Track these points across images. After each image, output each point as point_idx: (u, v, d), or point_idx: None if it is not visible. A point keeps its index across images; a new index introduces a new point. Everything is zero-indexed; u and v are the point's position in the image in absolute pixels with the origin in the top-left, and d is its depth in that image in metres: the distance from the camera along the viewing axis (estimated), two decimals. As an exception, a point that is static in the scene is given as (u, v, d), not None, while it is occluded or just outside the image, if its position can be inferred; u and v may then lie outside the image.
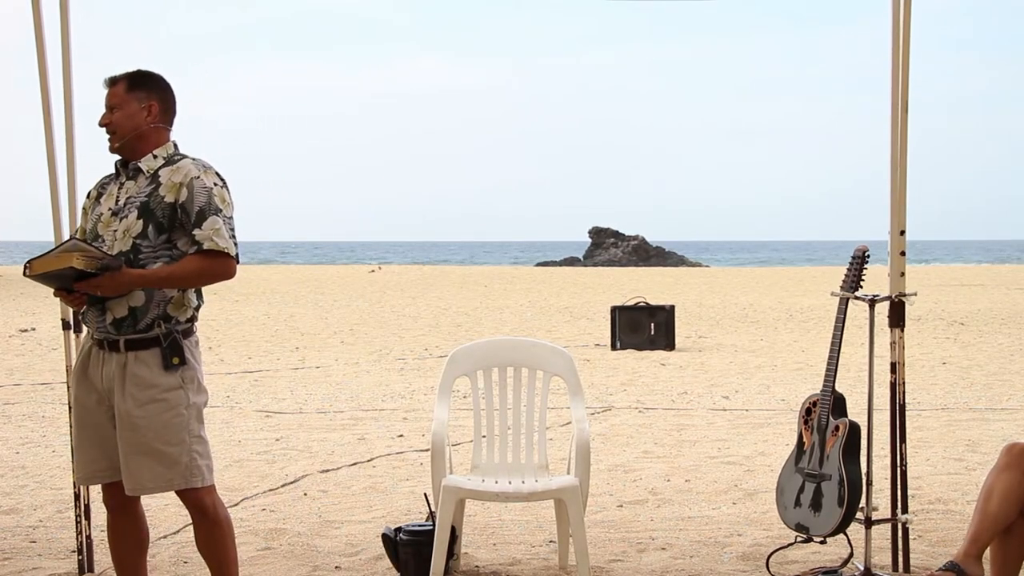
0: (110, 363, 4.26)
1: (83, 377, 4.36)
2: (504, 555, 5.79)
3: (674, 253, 57.63)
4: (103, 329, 4.24)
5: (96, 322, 4.26)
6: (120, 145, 4.34)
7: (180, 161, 4.33)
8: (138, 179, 4.32)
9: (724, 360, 14.56)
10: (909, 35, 5.35)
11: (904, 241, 5.42)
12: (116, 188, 4.36)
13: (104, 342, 4.27)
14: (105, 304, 4.21)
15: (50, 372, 13.14)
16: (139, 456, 4.24)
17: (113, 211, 4.31)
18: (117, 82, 4.35)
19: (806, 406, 5.37)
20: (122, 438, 4.25)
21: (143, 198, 4.26)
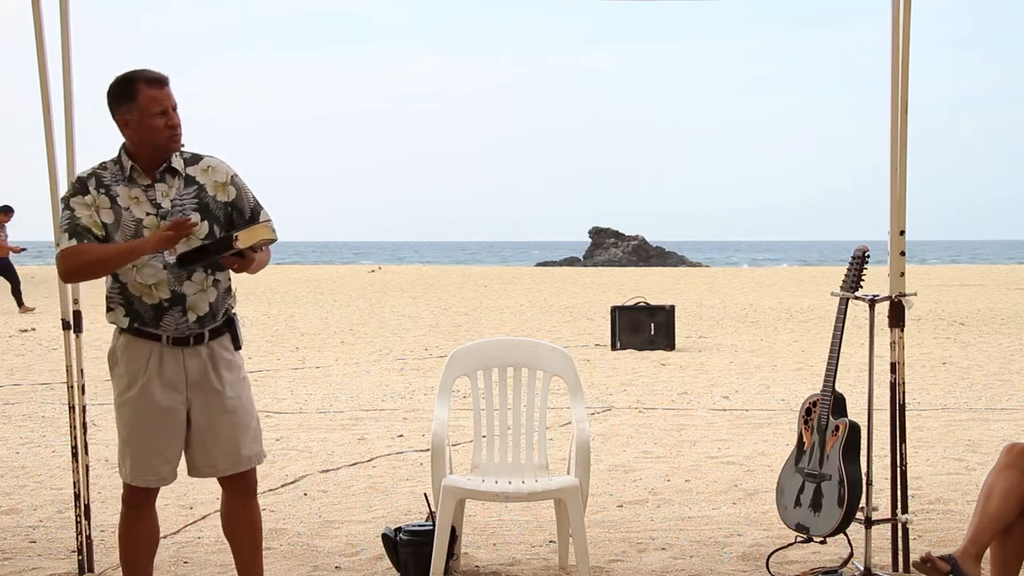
0: (195, 357, 4.39)
1: (159, 380, 4.37)
2: (504, 555, 5.79)
3: (674, 253, 57.60)
4: (185, 328, 4.36)
5: (176, 323, 4.34)
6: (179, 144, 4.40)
7: (203, 159, 4.45)
8: (168, 180, 4.36)
9: (724, 360, 14.56)
10: (909, 35, 5.35)
11: (904, 241, 5.42)
12: (141, 191, 4.33)
13: (188, 339, 4.37)
14: (184, 306, 4.33)
15: (50, 372, 13.13)
16: (238, 435, 4.48)
17: (160, 215, 4.32)
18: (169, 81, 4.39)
19: (806, 406, 5.37)
20: (218, 423, 4.43)
21: (195, 200, 4.36)
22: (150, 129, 4.30)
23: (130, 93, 4.31)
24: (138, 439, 4.41)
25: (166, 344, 4.36)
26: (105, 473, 7.78)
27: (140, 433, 4.40)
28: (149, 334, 4.36)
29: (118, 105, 4.35)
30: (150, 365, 4.36)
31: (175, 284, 4.33)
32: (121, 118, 4.35)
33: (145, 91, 4.30)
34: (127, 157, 4.36)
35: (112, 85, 4.37)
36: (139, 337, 4.36)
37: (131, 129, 4.33)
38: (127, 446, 4.43)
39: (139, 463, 4.43)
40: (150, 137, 4.32)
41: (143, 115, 4.30)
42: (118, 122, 4.37)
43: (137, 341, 4.37)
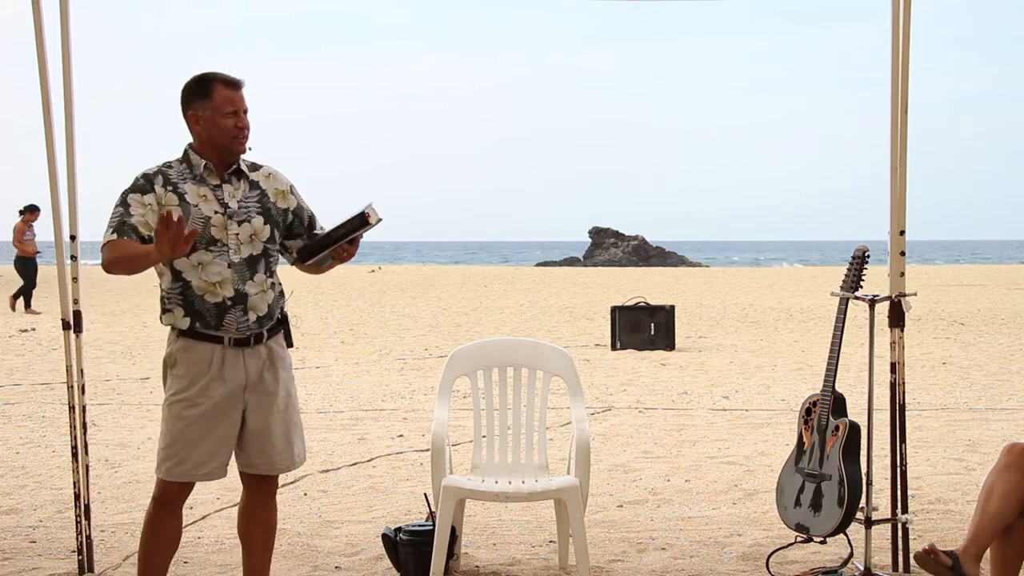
0: (255, 357, 4.45)
1: (220, 381, 4.39)
2: (504, 555, 5.79)
3: (674, 253, 57.61)
4: (246, 328, 4.41)
5: (238, 323, 4.40)
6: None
7: (263, 167, 4.57)
8: (234, 181, 4.44)
9: (724, 360, 14.56)
10: (909, 35, 5.35)
11: (904, 241, 5.42)
12: (210, 190, 4.39)
13: (249, 339, 4.43)
14: (246, 305, 4.39)
15: (50, 372, 13.14)
16: (291, 433, 4.56)
17: (226, 214, 4.38)
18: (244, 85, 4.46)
19: (806, 406, 5.37)
20: (274, 422, 4.49)
21: (258, 203, 4.45)
22: (220, 128, 4.38)
23: (206, 91, 4.39)
24: (188, 437, 4.40)
25: (227, 346, 4.40)
26: (105, 473, 7.78)
27: (192, 431, 4.39)
28: (210, 336, 4.38)
29: (192, 101, 4.41)
30: (212, 368, 4.39)
31: (239, 283, 4.39)
32: (193, 114, 4.41)
33: (221, 90, 4.39)
34: (198, 156, 4.42)
35: (189, 82, 4.45)
36: (199, 340, 4.38)
37: (201, 126, 4.40)
38: (174, 444, 4.41)
39: (184, 461, 4.41)
40: (218, 136, 4.39)
41: (215, 113, 4.38)
42: (189, 118, 4.43)
43: (197, 344, 4.38)
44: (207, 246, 4.34)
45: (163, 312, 4.43)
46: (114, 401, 11.19)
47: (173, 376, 4.43)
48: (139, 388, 12.14)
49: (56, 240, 5.37)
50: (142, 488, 7.35)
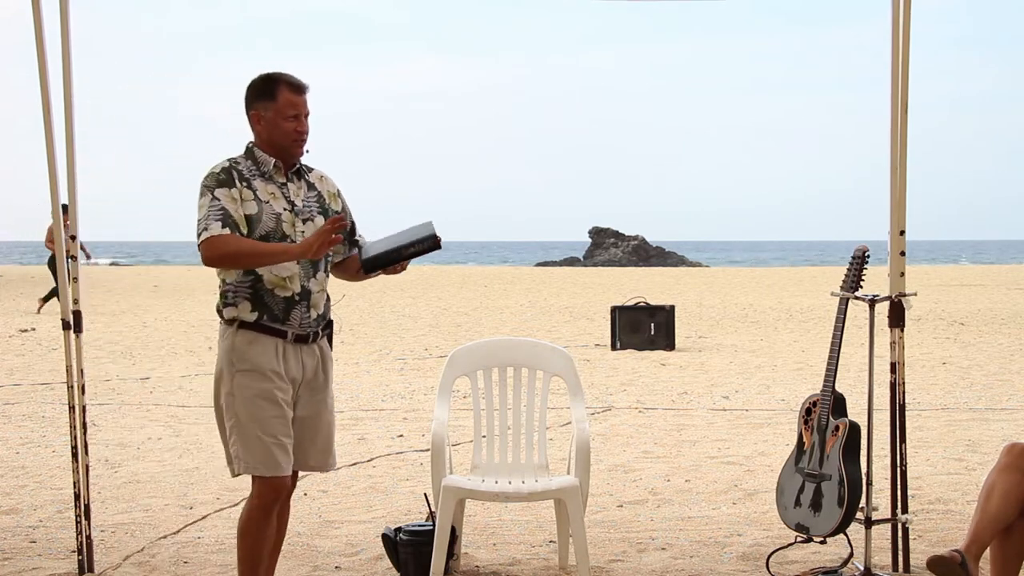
0: (311, 355, 4.53)
1: (285, 375, 4.44)
2: (504, 555, 5.79)
3: (674, 253, 57.62)
4: (308, 325, 4.49)
5: (301, 319, 4.46)
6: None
7: (315, 169, 4.64)
8: (296, 181, 4.52)
9: (724, 360, 14.56)
10: (909, 35, 5.35)
11: (904, 241, 5.42)
12: (277, 188, 4.46)
13: (308, 336, 4.49)
14: (309, 302, 4.47)
15: (50, 372, 13.14)
16: (332, 433, 4.66)
17: (293, 211, 4.45)
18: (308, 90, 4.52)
19: (806, 406, 5.37)
20: (320, 422, 4.57)
21: (317, 203, 4.54)
22: (280, 130, 4.45)
23: (271, 92, 4.46)
24: (269, 432, 4.40)
25: (289, 340, 4.44)
26: (105, 473, 7.79)
27: (270, 426, 4.41)
28: (274, 330, 4.42)
29: (256, 100, 4.48)
30: (276, 361, 4.42)
31: (304, 279, 4.47)
32: (256, 113, 4.48)
33: (285, 93, 4.46)
34: (264, 154, 4.47)
35: (255, 81, 4.51)
36: (263, 333, 4.41)
37: (262, 126, 4.47)
38: (260, 440, 4.39)
39: (272, 453, 4.41)
40: (278, 137, 4.46)
41: (278, 115, 4.45)
42: (251, 117, 4.50)
43: (262, 337, 4.41)
44: (279, 241, 4.40)
45: (225, 305, 4.44)
46: (114, 401, 11.19)
47: (239, 372, 4.40)
48: (139, 388, 12.15)
49: (56, 240, 5.37)
50: (142, 488, 7.35)
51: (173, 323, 20.20)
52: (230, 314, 4.44)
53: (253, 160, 4.48)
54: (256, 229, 4.38)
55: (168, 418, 10.19)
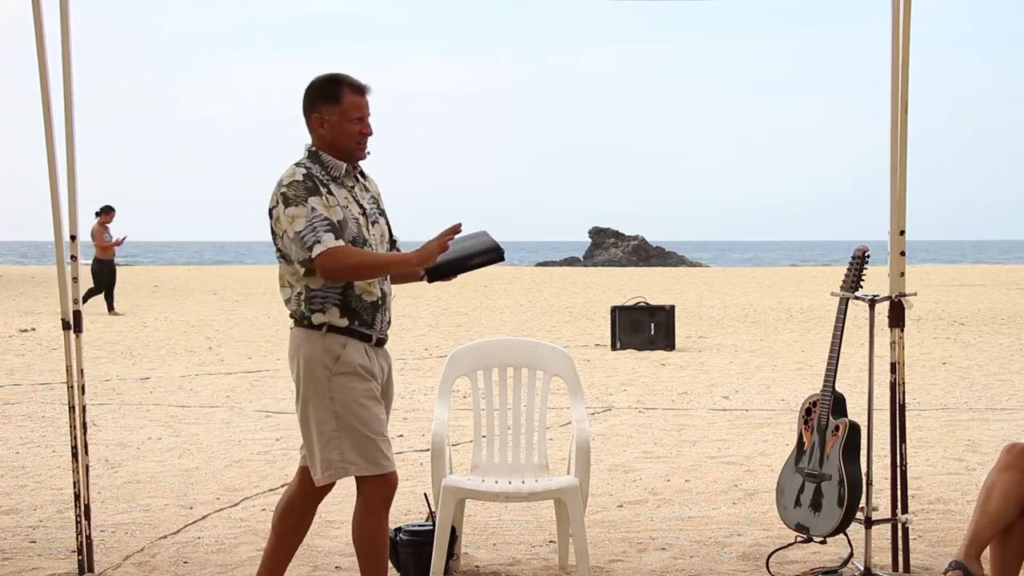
0: (385, 358, 4.56)
1: (375, 373, 4.46)
2: (504, 555, 5.78)
3: (674, 253, 57.59)
4: (385, 329, 4.52)
5: (382, 322, 4.50)
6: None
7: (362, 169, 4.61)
8: (358, 184, 4.51)
9: (724, 360, 14.56)
10: (909, 35, 5.35)
11: (904, 241, 5.42)
12: (348, 192, 4.43)
13: (384, 340, 4.54)
14: (386, 305, 4.51)
15: (50, 372, 13.13)
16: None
17: (364, 214, 4.44)
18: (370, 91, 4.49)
19: (806, 406, 5.37)
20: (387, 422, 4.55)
21: (375, 204, 4.55)
22: (345, 133, 4.40)
23: (334, 94, 4.40)
24: (376, 430, 4.42)
25: (372, 344, 4.47)
26: (105, 473, 7.78)
27: (377, 424, 4.43)
28: (362, 334, 4.42)
29: (319, 103, 4.42)
30: (366, 361, 4.43)
31: (381, 283, 4.48)
32: (319, 117, 4.42)
33: (349, 95, 4.41)
34: (331, 158, 4.43)
35: (316, 83, 4.45)
36: (352, 337, 4.41)
37: (325, 129, 4.41)
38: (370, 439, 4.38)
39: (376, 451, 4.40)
40: (343, 140, 4.41)
41: (343, 118, 4.40)
42: (314, 120, 4.43)
43: (353, 341, 4.41)
44: (361, 246, 4.39)
45: (312, 311, 4.37)
46: (114, 401, 11.19)
47: (339, 374, 4.37)
48: (139, 388, 12.14)
49: (56, 240, 5.36)
50: (142, 488, 7.35)
51: (173, 323, 20.20)
52: (320, 320, 4.37)
53: (321, 165, 4.41)
54: (343, 237, 4.33)
55: (168, 418, 10.19)
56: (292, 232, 4.30)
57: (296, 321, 4.44)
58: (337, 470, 4.38)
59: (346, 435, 4.36)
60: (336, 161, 4.42)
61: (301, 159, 4.43)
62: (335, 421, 4.36)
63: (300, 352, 4.41)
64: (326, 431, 4.37)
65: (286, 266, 4.40)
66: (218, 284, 34.28)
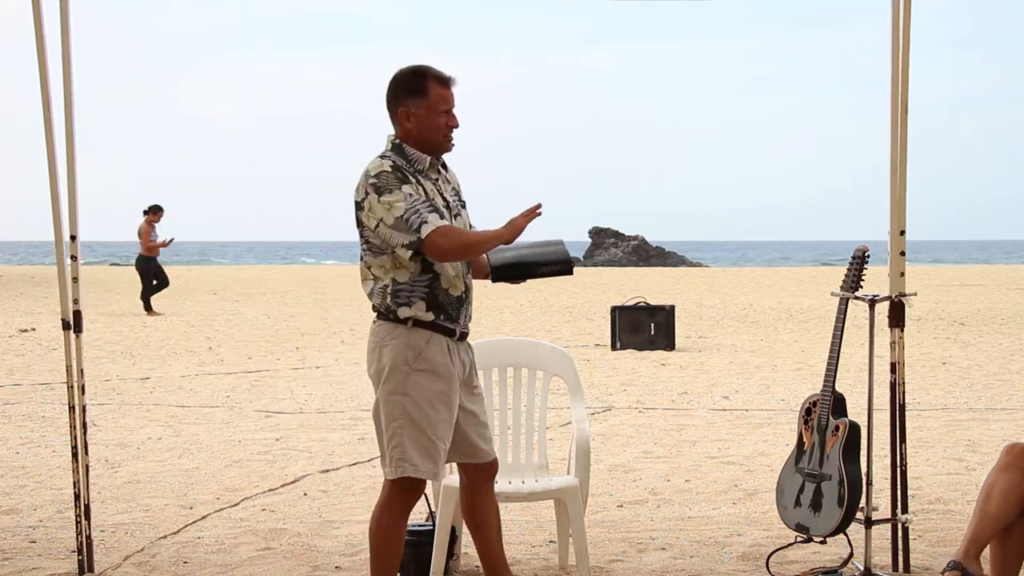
0: (467, 352, 4.60)
1: (454, 373, 4.48)
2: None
3: (674, 253, 57.57)
4: (467, 323, 4.56)
5: (466, 317, 4.53)
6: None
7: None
8: (441, 176, 4.53)
9: (724, 360, 14.56)
10: (909, 35, 5.35)
11: (904, 241, 5.42)
12: (432, 184, 4.46)
13: (467, 334, 4.57)
14: (469, 299, 4.55)
15: (50, 372, 13.13)
16: (487, 420, 4.72)
17: (447, 207, 4.48)
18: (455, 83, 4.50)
19: (806, 406, 5.37)
20: (479, 411, 4.63)
21: (456, 196, 4.57)
22: (432, 126, 4.42)
23: (421, 88, 4.42)
24: (439, 435, 4.42)
25: (455, 339, 4.48)
26: (105, 473, 7.78)
27: (440, 429, 4.43)
28: (446, 329, 4.44)
29: (405, 97, 4.43)
30: (450, 360, 4.45)
31: (466, 277, 4.53)
32: (405, 110, 4.43)
33: (436, 88, 4.43)
34: (415, 150, 4.44)
35: (402, 77, 4.45)
36: (438, 332, 4.43)
37: (412, 123, 4.43)
38: (432, 442, 4.40)
39: (436, 457, 4.43)
40: (430, 133, 4.43)
41: (430, 111, 4.42)
42: (399, 114, 4.44)
43: (437, 336, 4.43)
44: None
45: (398, 305, 4.39)
46: (114, 401, 11.19)
47: (417, 371, 4.39)
48: (139, 388, 12.14)
49: (56, 240, 5.36)
50: (142, 488, 7.35)
51: (173, 323, 20.20)
52: (406, 314, 4.39)
53: (405, 157, 4.44)
54: None
55: (168, 418, 10.19)
56: (392, 218, 4.30)
57: (380, 315, 4.46)
58: (398, 467, 4.41)
59: (410, 434, 4.38)
60: (420, 154, 4.44)
61: (385, 151, 4.45)
62: (403, 418, 4.39)
63: (382, 346, 4.44)
64: (392, 426, 4.41)
65: (374, 258, 4.41)
66: (218, 284, 34.27)
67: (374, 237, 4.37)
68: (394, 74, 4.46)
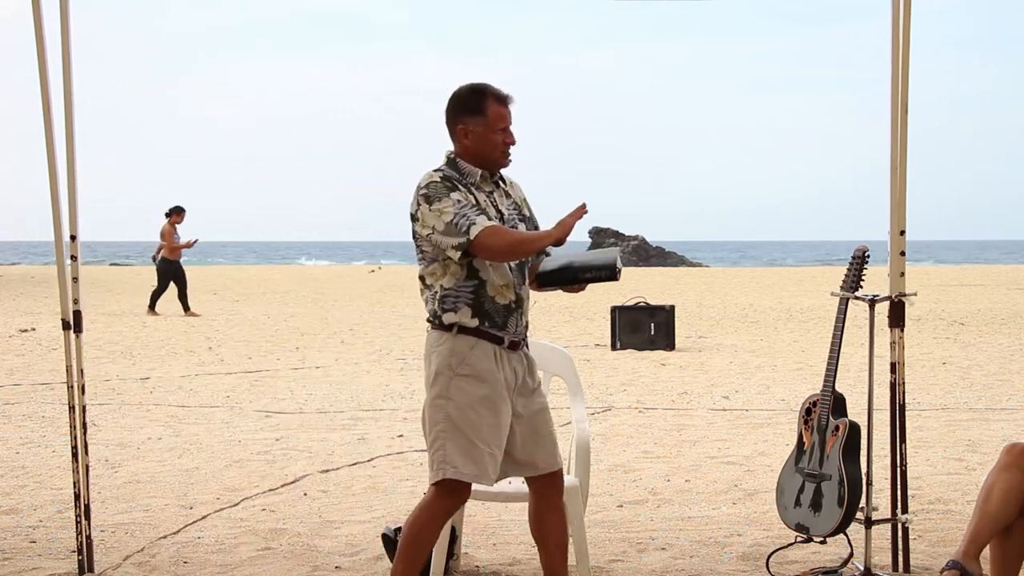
0: (519, 362, 4.58)
1: (504, 381, 4.51)
2: (504, 555, 5.78)
3: (674, 253, 57.55)
4: (520, 333, 4.57)
5: (516, 326, 4.55)
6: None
7: (505, 176, 4.69)
8: (498, 189, 4.61)
9: (724, 360, 14.56)
10: (909, 35, 5.35)
11: (904, 241, 5.42)
12: (485, 196, 4.53)
13: (519, 343, 4.58)
14: (522, 309, 4.58)
15: (50, 372, 13.13)
16: (552, 433, 4.69)
17: (501, 219, 4.53)
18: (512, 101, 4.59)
19: (806, 406, 5.37)
20: (538, 422, 4.62)
21: (515, 209, 4.62)
22: (489, 143, 4.52)
23: (479, 106, 4.52)
24: (483, 438, 4.44)
25: (504, 347, 4.51)
26: (105, 473, 7.78)
27: (484, 433, 4.45)
28: (493, 336, 4.48)
29: (463, 114, 4.53)
30: (497, 365, 4.48)
31: (517, 287, 4.55)
32: (463, 128, 4.52)
33: (494, 106, 4.52)
34: (468, 164, 4.53)
35: (461, 95, 4.55)
36: (482, 339, 4.46)
37: (470, 140, 4.52)
38: (474, 446, 4.43)
39: (483, 460, 4.45)
40: (487, 150, 4.53)
41: (488, 129, 4.51)
42: (458, 131, 4.54)
43: (482, 343, 4.47)
44: None
45: (444, 311, 4.46)
46: (114, 401, 11.19)
47: (461, 377, 4.45)
48: (139, 388, 12.15)
49: (56, 240, 5.36)
50: (142, 488, 7.35)
51: (173, 323, 20.20)
52: (450, 319, 4.45)
53: (458, 171, 4.53)
54: None
55: (168, 418, 10.20)
56: (442, 224, 4.39)
57: (431, 322, 4.54)
58: (439, 470, 4.46)
59: (452, 437, 4.43)
60: (472, 168, 4.53)
61: (439, 166, 4.56)
62: (446, 422, 4.45)
63: (431, 353, 4.52)
64: (435, 430, 4.47)
65: (427, 267, 4.51)
66: (218, 284, 34.27)
67: (427, 245, 4.48)
68: (453, 92, 4.57)
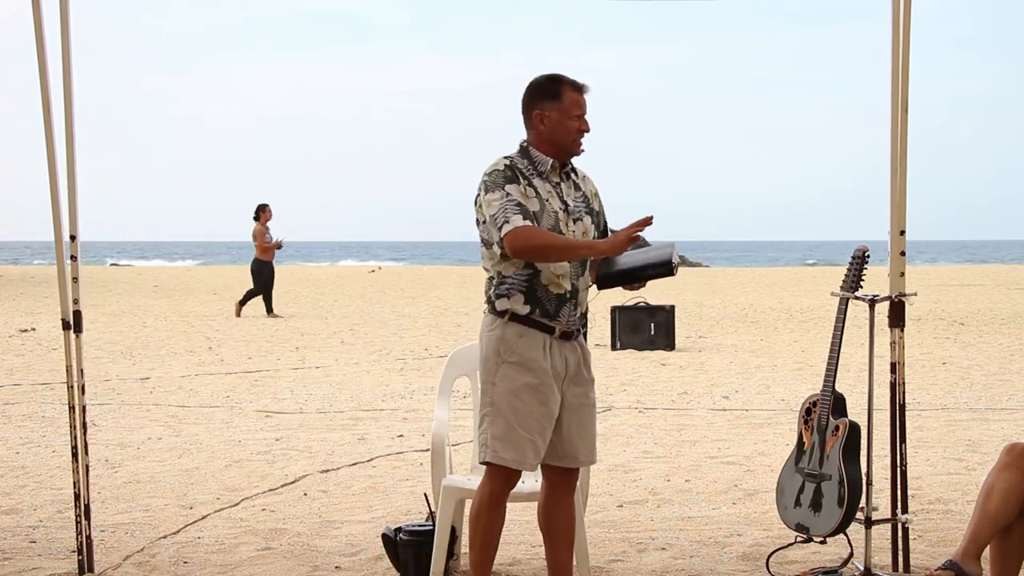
0: (573, 352, 4.63)
1: (552, 370, 4.55)
2: (504, 555, 5.78)
3: (674, 253, 57.46)
4: (573, 323, 4.62)
5: (569, 316, 4.59)
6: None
7: (578, 169, 4.73)
8: (567, 180, 4.64)
9: (724, 360, 14.56)
10: (909, 35, 5.35)
11: (904, 241, 5.42)
12: (552, 187, 4.57)
13: (572, 333, 4.62)
14: (577, 300, 4.61)
15: (50, 372, 13.14)
16: (595, 428, 4.72)
17: (566, 211, 4.57)
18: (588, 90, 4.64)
19: (806, 406, 5.37)
20: (584, 415, 4.65)
21: (583, 203, 4.65)
22: (564, 129, 4.57)
23: (556, 92, 4.59)
24: (525, 425, 4.50)
25: (555, 336, 4.55)
26: (105, 473, 7.79)
27: (527, 419, 4.51)
28: (544, 325, 4.53)
29: (540, 100, 4.59)
30: (545, 354, 4.52)
31: (574, 278, 4.60)
32: (539, 113, 4.58)
33: (569, 93, 4.59)
34: (542, 153, 4.57)
35: (539, 82, 4.63)
36: (533, 327, 4.52)
37: (545, 126, 4.58)
38: (515, 431, 4.49)
39: (522, 446, 4.50)
40: (561, 136, 4.57)
41: (563, 115, 4.57)
42: (534, 117, 4.59)
43: (531, 331, 4.52)
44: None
45: (498, 296, 4.54)
46: (114, 401, 11.20)
47: (504, 363, 4.52)
48: (139, 388, 12.15)
49: (56, 240, 5.36)
50: (142, 488, 7.35)
51: (173, 323, 20.21)
52: (502, 305, 4.53)
53: (529, 159, 4.58)
54: (539, 226, 4.48)
55: (168, 418, 10.20)
56: (488, 215, 4.48)
57: (487, 307, 4.61)
58: (482, 451, 4.56)
59: (495, 421, 4.52)
60: (544, 157, 4.58)
61: (511, 153, 4.61)
62: (490, 407, 4.54)
63: (483, 336, 4.60)
64: (481, 413, 4.58)
65: (486, 251, 4.58)
66: (218, 284, 34.28)
67: (483, 232, 4.57)
68: (531, 81, 4.64)
